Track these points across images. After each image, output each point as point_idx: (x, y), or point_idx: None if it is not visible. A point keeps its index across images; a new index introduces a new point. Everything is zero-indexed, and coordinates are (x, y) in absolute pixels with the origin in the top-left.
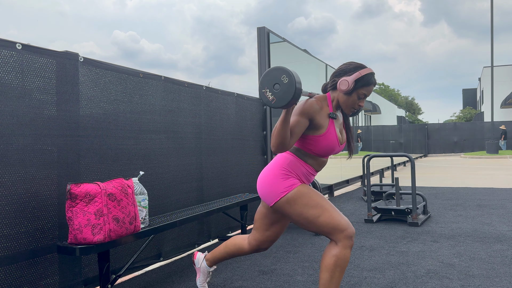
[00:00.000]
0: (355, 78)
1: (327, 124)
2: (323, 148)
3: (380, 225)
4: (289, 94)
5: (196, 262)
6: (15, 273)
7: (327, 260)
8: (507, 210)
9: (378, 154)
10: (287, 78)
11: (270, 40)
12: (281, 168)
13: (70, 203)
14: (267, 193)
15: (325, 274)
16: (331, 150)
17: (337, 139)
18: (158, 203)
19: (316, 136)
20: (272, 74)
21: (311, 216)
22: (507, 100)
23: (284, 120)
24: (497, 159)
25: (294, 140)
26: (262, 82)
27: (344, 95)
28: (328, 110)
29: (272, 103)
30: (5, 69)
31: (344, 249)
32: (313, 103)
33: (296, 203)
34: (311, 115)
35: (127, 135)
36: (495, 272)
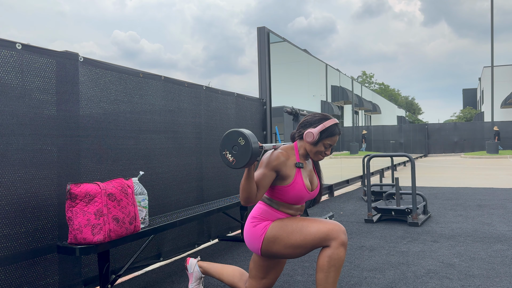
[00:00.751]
0: (320, 129)
1: (294, 174)
2: (291, 197)
3: (380, 225)
4: (246, 155)
5: (189, 267)
6: (15, 273)
7: (321, 261)
8: (507, 210)
9: (378, 154)
10: (243, 140)
11: (270, 40)
12: (253, 218)
13: (70, 203)
14: (250, 244)
15: (320, 274)
16: (300, 198)
17: (305, 187)
18: (158, 203)
19: (284, 186)
20: (230, 136)
21: (297, 241)
22: (507, 100)
23: (247, 177)
24: (497, 159)
25: (262, 193)
26: (222, 145)
27: (311, 145)
28: (295, 159)
29: (233, 164)
30: (5, 69)
31: (336, 248)
32: (279, 155)
33: (277, 238)
34: (277, 167)
35: (127, 135)
36: (495, 272)
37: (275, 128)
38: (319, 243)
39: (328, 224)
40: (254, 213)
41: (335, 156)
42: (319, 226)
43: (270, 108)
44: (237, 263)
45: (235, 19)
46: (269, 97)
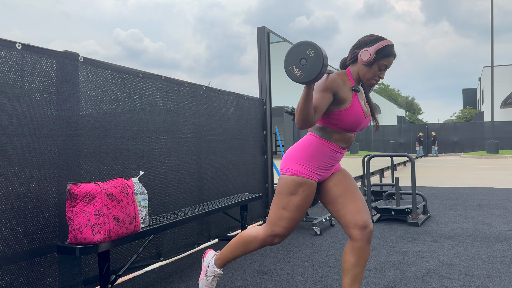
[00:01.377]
0: (377, 48)
1: (351, 98)
2: (350, 122)
3: (380, 225)
4: (317, 67)
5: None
6: (15, 273)
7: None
8: (507, 210)
9: (378, 154)
10: (313, 51)
11: (270, 40)
12: (302, 151)
13: (70, 203)
14: (283, 163)
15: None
16: (358, 123)
17: (363, 111)
18: (158, 203)
19: (342, 111)
20: (297, 49)
21: (284, 204)
22: (507, 100)
23: (306, 97)
24: (497, 159)
25: (319, 116)
26: (287, 60)
27: (365, 67)
28: (350, 84)
29: (301, 79)
30: (5, 69)
31: (264, 237)
32: (335, 77)
33: (290, 187)
34: (335, 90)
35: (127, 135)
36: (495, 272)
37: (275, 128)
38: (269, 221)
39: (286, 228)
40: (303, 145)
41: None
42: (286, 222)
43: (270, 108)
44: (237, 263)
45: (237, 18)
46: (269, 97)
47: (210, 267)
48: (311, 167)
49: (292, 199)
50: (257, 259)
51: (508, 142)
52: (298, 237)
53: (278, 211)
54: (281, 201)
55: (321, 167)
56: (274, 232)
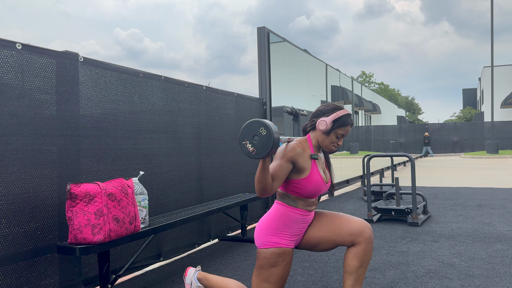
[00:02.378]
0: (333, 118)
1: (310, 166)
2: (309, 190)
3: (380, 225)
4: (268, 146)
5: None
6: (15, 273)
7: None
8: (507, 210)
9: (378, 154)
10: (265, 130)
11: (270, 40)
12: (273, 221)
13: (70, 203)
14: (257, 237)
15: None
16: (318, 190)
17: (322, 179)
18: (158, 203)
19: (301, 179)
20: (251, 126)
21: (266, 277)
22: (507, 100)
23: (263, 168)
24: (497, 159)
25: (278, 184)
26: (242, 134)
27: (323, 135)
28: (309, 152)
29: (253, 154)
30: (5, 69)
31: None
32: (295, 146)
33: (270, 259)
34: (294, 159)
35: (127, 135)
36: (495, 272)
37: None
38: None
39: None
40: (273, 215)
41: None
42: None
43: (270, 108)
44: (237, 263)
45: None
46: (269, 97)
47: (193, 283)
48: (286, 235)
49: (274, 271)
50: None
51: (508, 142)
52: None
53: (261, 285)
54: (263, 275)
55: (295, 233)
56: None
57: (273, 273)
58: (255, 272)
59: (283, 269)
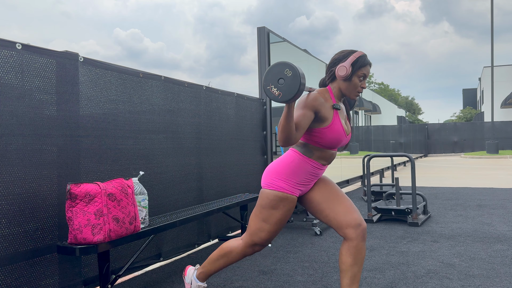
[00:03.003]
0: (351, 61)
1: (332, 116)
2: (330, 140)
3: (380, 225)
4: (294, 87)
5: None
6: (15, 273)
7: (226, 244)
8: (507, 210)
9: (378, 154)
10: (291, 71)
11: (270, 40)
12: (285, 167)
13: (70, 203)
14: (264, 177)
15: (218, 251)
16: (338, 141)
17: (343, 129)
18: (158, 203)
19: (322, 129)
20: (275, 69)
21: (266, 217)
22: (507, 100)
23: (288, 115)
24: (497, 159)
25: (301, 134)
26: (266, 79)
27: (345, 82)
28: (331, 102)
29: (279, 98)
30: (5, 69)
31: (245, 247)
32: (317, 95)
33: (272, 201)
34: (316, 108)
35: (127, 135)
36: (495, 272)
37: (275, 128)
38: (247, 233)
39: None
40: (286, 161)
41: None
42: (265, 234)
43: (270, 108)
44: (237, 263)
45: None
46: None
47: (193, 282)
48: (292, 183)
49: (273, 213)
50: (257, 259)
51: (508, 142)
52: (298, 237)
53: (259, 223)
54: (262, 214)
55: (302, 183)
56: (254, 242)
57: (272, 215)
58: (255, 210)
59: (283, 214)
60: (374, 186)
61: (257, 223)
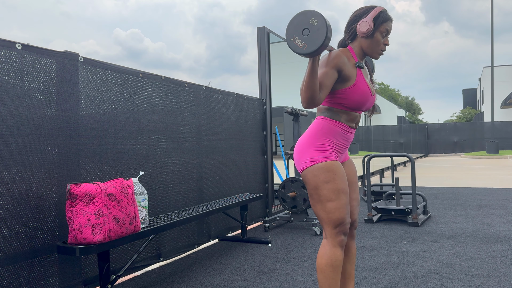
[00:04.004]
0: (373, 16)
1: (355, 75)
2: (356, 100)
3: (380, 225)
4: (321, 37)
5: None
6: (15, 273)
7: (318, 260)
8: (507, 210)
9: (378, 154)
10: (316, 20)
11: (270, 40)
12: (315, 135)
13: (70, 203)
14: (298, 158)
15: (319, 275)
16: (365, 101)
17: (369, 89)
18: (158, 203)
19: (347, 89)
20: (299, 19)
21: (324, 196)
22: (507, 100)
23: (312, 70)
24: (497, 159)
25: (325, 94)
26: (288, 31)
27: (367, 40)
28: (354, 60)
29: (304, 50)
30: (5, 69)
31: (333, 247)
32: (339, 53)
33: (319, 176)
34: (339, 66)
35: (127, 135)
36: (495, 272)
37: (275, 128)
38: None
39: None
40: (315, 129)
41: None
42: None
43: (270, 108)
44: (237, 263)
45: (237, 19)
46: (269, 97)
47: None
48: (328, 148)
49: (330, 187)
50: (257, 259)
51: (508, 142)
52: (298, 237)
53: (324, 207)
54: (321, 196)
55: (336, 148)
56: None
57: (330, 190)
58: (311, 199)
59: (339, 182)
60: (374, 186)
61: (322, 208)
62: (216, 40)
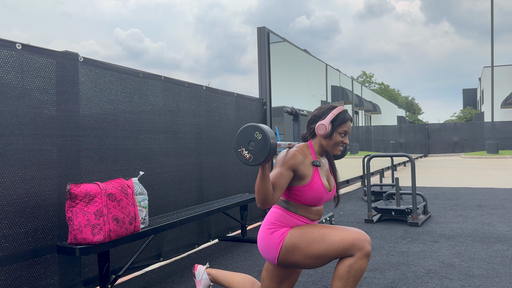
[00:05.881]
0: (330, 119)
1: (311, 173)
2: (310, 197)
3: (380, 225)
4: (264, 151)
5: (197, 274)
6: (15, 273)
7: (340, 269)
8: (507, 210)
9: (378, 154)
10: (260, 134)
11: (270, 40)
12: (269, 224)
13: (70, 203)
14: (266, 252)
15: (337, 283)
16: (319, 199)
17: (324, 187)
18: (158, 203)
19: (302, 187)
20: (246, 132)
21: (319, 251)
22: (507, 100)
23: (263, 176)
24: (497, 159)
25: (279, 194)
26: (237, 141)
27: (326, 139)
28: (311, 158)
29: (250, 161)
30: (5, 69)
31: (360, 259)
32: (295, 153)
33: (296, 247)
34: (295, 166)
35: (127, 135)
36: (495, 272)
37: (275, 128)
38: (342, 253)
39: (352, 233)
40: (270, 218)
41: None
42: (343, 235)
43: (270, 108)
44: (237, 263)
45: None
46: (269, 97)
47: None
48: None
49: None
50: (257, 259)
51: (508, 142)
52: None
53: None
54: (319, 250)
55: None
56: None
57: (317, 237)
58: (320, 260)
59: (315, 227)
60: (374, 186)
61: (333, 247)
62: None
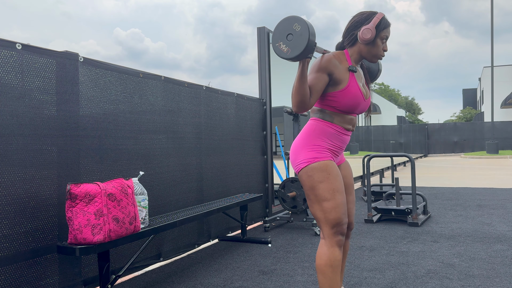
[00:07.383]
0: (375, 23)
1: (348, 78)
2: (347, 103)
3: (380, 225)
4: (303, 41)
5: None
6: (15, 273)
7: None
8: (507, 210)
9: (378, 154)
10: (299, 25)
11: (270, 40)
12: (308, 136)
13: (70, 203)
14: (293, 160)
15: (318, 275)
16: (356, 104)
17: (361, 92)
18: (158, 203)
19: (338, 92)
20: (283, 25)
21: (320, 196)
22: (507, 100)
23: (301, 75)
24: (497, 159)
25: (315, 98)
26: (274, 36)
27: (367, 46)
28: (347, 64)
29: (288, 54)
30: (5, 69)
31: (331, 247)
32: (331, 57)
33: (314, 176)
34: (330, 70)
35: (127, 135)
36: (495, 272)
37: (275, 128)
38: (321, 220)
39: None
40: (308, 130)
41: None
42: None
43: (270, 108)
44: (237, 263)
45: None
46: (269, 97)
47: None
48: (322, 149)
49: (324, 187)
50: (257, 259)
51: (508, 142)
52: (298, 237)
53: (320, 206)
54: (317, 196)
55: (330, 149)
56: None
57: (325, 190)
58: (308, 201)
59: (333, 182)
60: (374, 186)
61: (318, 208)
62: (216, 40)
